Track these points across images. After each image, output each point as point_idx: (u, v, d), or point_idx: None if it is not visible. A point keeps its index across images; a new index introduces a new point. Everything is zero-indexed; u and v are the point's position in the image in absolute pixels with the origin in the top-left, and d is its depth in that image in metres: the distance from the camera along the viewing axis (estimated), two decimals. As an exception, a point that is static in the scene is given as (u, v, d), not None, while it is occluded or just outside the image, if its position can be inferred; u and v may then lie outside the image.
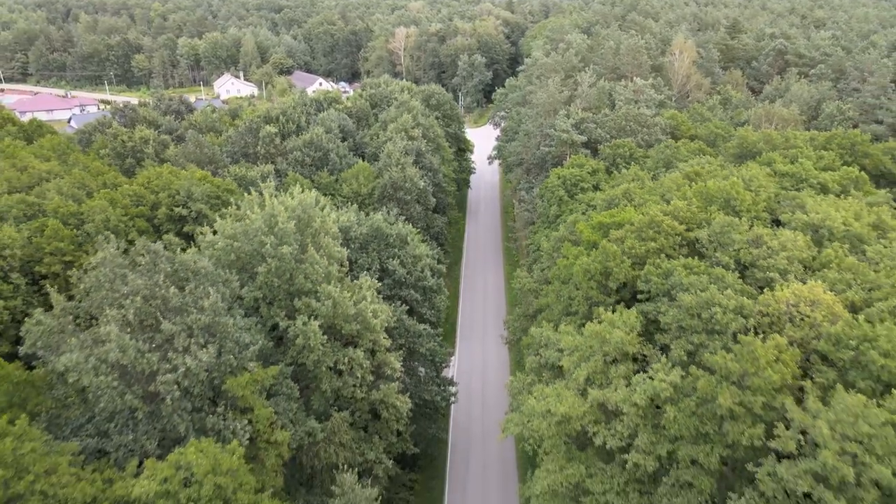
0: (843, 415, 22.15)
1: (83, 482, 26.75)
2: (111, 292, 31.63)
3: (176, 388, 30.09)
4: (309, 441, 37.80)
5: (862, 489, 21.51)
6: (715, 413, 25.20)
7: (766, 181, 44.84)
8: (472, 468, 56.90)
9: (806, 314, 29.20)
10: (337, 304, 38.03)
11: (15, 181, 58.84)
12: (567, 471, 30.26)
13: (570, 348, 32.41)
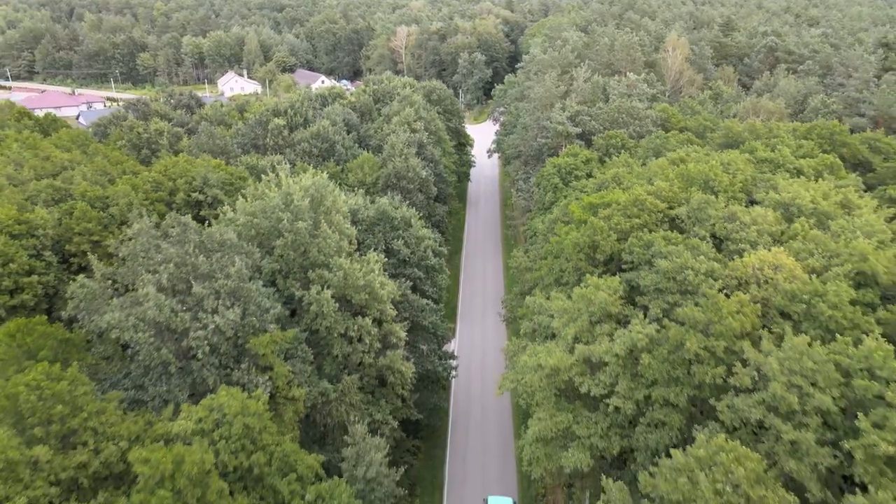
0: (790, 353, 25.62)
1: (128, 422, 30.32)
2: (147, 259, 35.20)
3: (206, 344, 33.65)
4: (322, 401, 41.34)
5: (806, 416, 24.99)
6: (684, 358, 28.70)
7: (743, 165, 48.39)
8: (471, 439, 60.33)
9: (769, 276, 32.74)
10: (347, 275, 41.57)
11: (40, 169, 62.37)
12: (556, 418, 33.77)
13: (560, 311, 35.96)
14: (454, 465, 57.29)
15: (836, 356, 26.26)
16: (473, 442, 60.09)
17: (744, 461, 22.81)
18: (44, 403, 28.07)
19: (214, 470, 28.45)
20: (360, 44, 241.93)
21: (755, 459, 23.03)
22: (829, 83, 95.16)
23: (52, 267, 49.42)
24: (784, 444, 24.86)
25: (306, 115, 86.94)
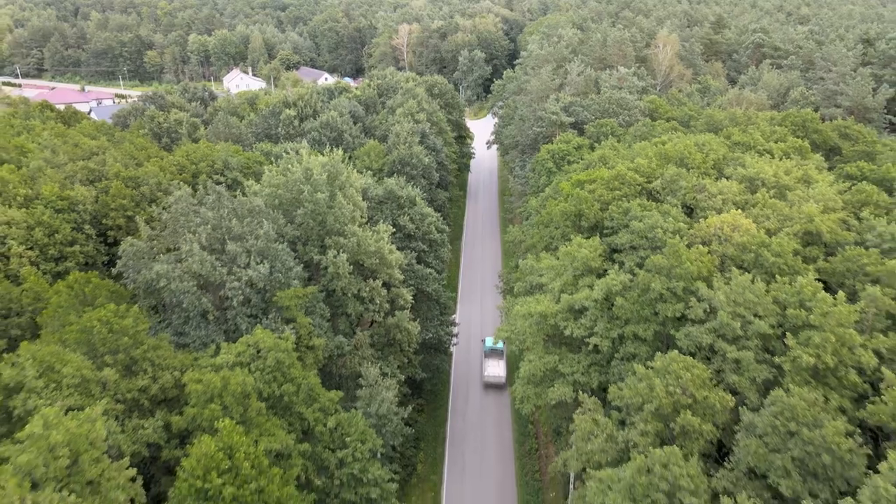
0: (736, 289, 30.75)
1: (179, 357, 35.57)
2: (187, 221, 40.39)
3: (240, 294, 38.84)
4: (337, 353, 46.53)
5: (747, 339, 30.15)
6: (651, 298, 33.84)
7: (716, 146, 53.62)
8: (471, 402, 65.54)
9: (728, 235, 37.96)
10: (360, 241, 46.80)
11: (72, 153, 67.54)
12: (544, 360, 38.98)
13: (548, 268, 41.20)
14: (455, 424, 62.46)
15: (775, 292, 31.43)
16: (473, 405, 65.26)
17: (691, 369, 27.94)
18: (112, 336, 33.31)
19: (253, 393, 33.65)
20: (362, 42, 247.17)
21: (701, 368, 28.17)
22: (811, 77, 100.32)
23: (91, 239, 54.63)
24: (729, 363, 30.02)
25: (315, 107, 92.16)
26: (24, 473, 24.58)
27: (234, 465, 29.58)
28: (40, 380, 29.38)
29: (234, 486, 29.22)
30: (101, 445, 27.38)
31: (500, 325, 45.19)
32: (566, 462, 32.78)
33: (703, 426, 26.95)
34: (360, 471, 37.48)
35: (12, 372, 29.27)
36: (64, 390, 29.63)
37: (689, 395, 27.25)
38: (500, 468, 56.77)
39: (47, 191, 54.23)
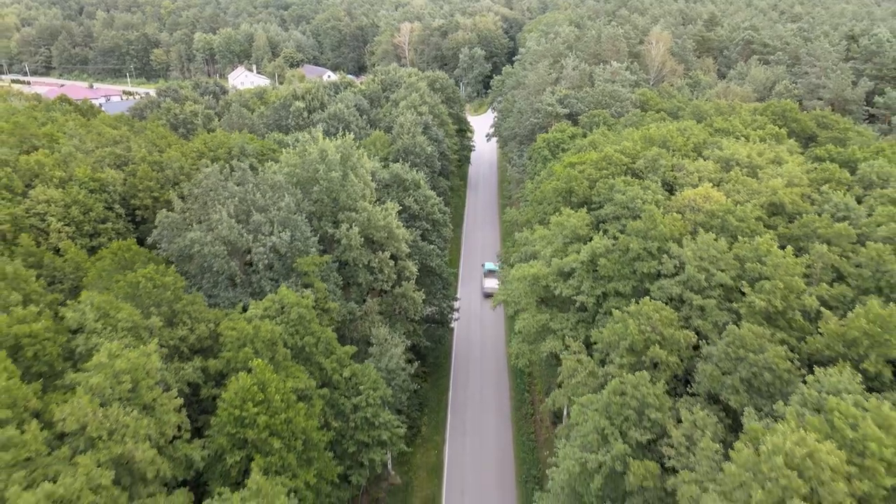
0: (701, 246, 35.34)
1: (212, 312, 40.21)
2: (216, 195, 45.00)
3: (265, 258, 43.46)
4: (349, 318, 51.15)
5: (711, 290, 34.76)
6: (630, 258, 38.45)
7: (697, 131, 58.23)
8: (471, 374, 70.13)
9: (700, 206, 42.57)
10: (370, 216, 51.43)
11: (98, 141, 72.19)
12: (536, 318, 43.62)
13: (541, 238, 45.84)
14: (456, 393, 67.06)
15: (736, 250, 36.05)
16: (473, 376, 69.86)
17: (660, 311, 32.49)
18: (155, 290, 37.96)
19: (280, 341, 38.27)
20: (364, 40, 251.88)
21: (668, 310, 32.72)
22: (797, 72, 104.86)
23: (121, 218, 59.25)
24: (695, 310, 34.58)
25: (322, 100, 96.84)
26: (95, 393, 29.21)
27: (266, 397, 34.23)
28: (98, 322, 34.02)
29: (266, 415, 33.88)
30: (155, 375, 32.04)
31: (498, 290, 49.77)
32: (555, 400, 37.41)
33: (669, 358, 31.55)
34: (373, 415, 42.10)
35: (75, 315, 33.91)
36: (119, 332, 34.26)
37: (657, 332, 31.84)
38: (498, 431, 61.32)
39: (80, 172, 58.79)
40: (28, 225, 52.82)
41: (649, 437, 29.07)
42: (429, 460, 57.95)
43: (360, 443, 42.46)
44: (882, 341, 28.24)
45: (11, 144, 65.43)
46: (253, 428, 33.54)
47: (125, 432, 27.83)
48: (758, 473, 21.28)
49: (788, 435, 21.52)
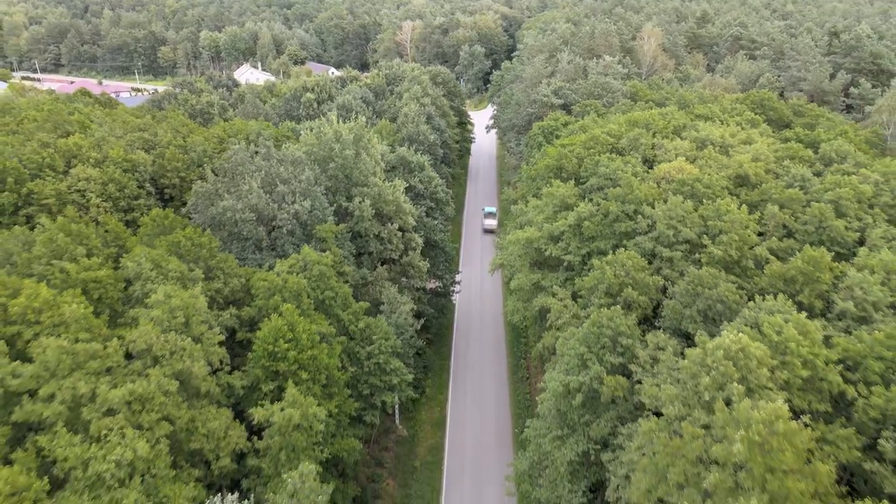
0: (671, 207, 40.90)
1: (242, 268, 45.79)
2: (244, 169, 50.58)
3: (289, 224, 49.02)
4: (362, 282, 56.70)
5: (678, 244, 40.33)
6: (610, 220, 44.05)
7: (678, 115, 63.79)
8: (472, 343, 75.68)
9: (674, 177, 48.16)
10: (380, 191, 57.01)
11: (125, 127, 77.76)
12: (530, 277, 49.21)
13: (534, 207, 51.44)
14: (457, 360, 72.63)
15: (701, 211, 41.63)
16: (473, 345, 75.42)
17: (632, 259, 38.04)
18: (194, 248, 43.54)
19: (304, 291, 43.83)
20: (366, 38, 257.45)
21: (638, 258, 38.25)
22: (781, 66, 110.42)
23: (152, 195, 64.86)
24: (664, 261, 40.15)
25: (330, 92, 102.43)
26: (156, 323, 34.78)
27: (294, 336, 39.80)
28: (153, 272, 39.59)
29: (295, 351, 39.44)
30: (202, 314, 37.62)
31: (495, 255, 55.37)
32: (545, 342, 42.99)
33: (640, 298, 37.09)
34: (384, 362, 47.67)
35: (133, 265, 39.50)
36: (169, 280, 39.81)
37: (630, 276, 37.38)
38: (496, 391, 66.91)
39: (114, 154, 64.34)
40: (70, 200, 58.40)
41: (621, 360, 34.63)
42: (433, 416, 63.54)
43: (373, 386, 48.01)
44: (814, 279, 33.80)
45: (48, 129, 71.07)
46: (284, 361, 39.10)
47: (183, 353, 33.43)
48: (704, 366, 26.81)
49: (727, 337, 27.08)
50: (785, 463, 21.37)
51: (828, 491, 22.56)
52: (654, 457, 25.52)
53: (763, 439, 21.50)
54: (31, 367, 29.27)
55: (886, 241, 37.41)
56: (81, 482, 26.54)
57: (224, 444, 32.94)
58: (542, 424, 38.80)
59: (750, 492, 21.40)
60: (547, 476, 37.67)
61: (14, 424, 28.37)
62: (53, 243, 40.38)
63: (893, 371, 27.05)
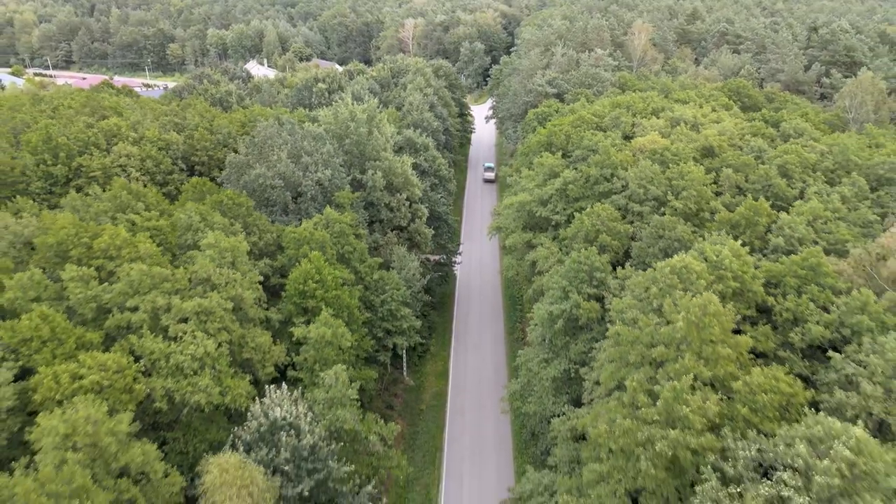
0: (642, 170, 48.08)
1: (275, 226, 53.01)
2: (272, 142, 57.78)
3: (312, 190, 56.22)
4: (373, 246, 63.91)
5: (647, 200, 47.51)
6: (590, 182, 51.25)
7: (657, 99, 71.00)
8: (472, 311, 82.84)
9: (648, 147, 55.39)
10: (391, 165, 64.22)
11: (155, 112, 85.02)
12: (523, 236, 56.48)
13: (526, 176, 58.70)
14: (459, 323, 79.82)
15: (667, 173, 48.90)
16: (473, 312, 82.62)
17: (607, 210, 45.28)
18: (234, 206, 50.76)
19: (328, 244, 51.02)
20: (369, 35, 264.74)
21: (612, 210, 45.50)
22: (762, 59, 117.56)
23: (184, 171, 72.12)
24: (635, 215, 47.45)
25: (340, 83, 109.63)
26: (210, 260, 41.99)
27: (321, 278, 47.04)
28: (202, 223, 46.82)
29: (322, 290, 46.67)
30: (245, 256, 44.84)
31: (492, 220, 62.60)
32: (534, 288, 50.22)
33: (612, 242, 44.32)
34: (395, 309, 54.92)
35: (185, 217, 46.74)
36: (215, 230, 46.99)
37: (605, 225, 44.61)
38: (493, 349, 74.07)
39: (150, 133, 71.63)
40: (114, 173, 65.62)
41: (596, 291, 41.86)
42: (437, 368, 70.80)
43: (385, 330, 55.27)
44: (754, 223, 41.03)
45: (86, 114, 78.38)
46: (312, 298, 46.35)
47: (235, 283, 40.67)
48: (654, 279, 34.00)
49: (674, 258, 34.29)
50: (714, 335, 28.48)
51: (745, 357, 29.70)
52: (618, 347, 32.61)
53: (698, 319, 28.57)
54: (118, 285, 36.53)
55: (819, 195, 44.57)
56: (165, 370, 33.81)
57: (269, 356, 40.19)
58: (531, 351, 46.07)
59: (688, 357, 28.49)
60: (535, 393, 44.91)
61: (107, 330, 35.65)
62: (118, 199, 47.67)
63: (805, 285, 34.16)
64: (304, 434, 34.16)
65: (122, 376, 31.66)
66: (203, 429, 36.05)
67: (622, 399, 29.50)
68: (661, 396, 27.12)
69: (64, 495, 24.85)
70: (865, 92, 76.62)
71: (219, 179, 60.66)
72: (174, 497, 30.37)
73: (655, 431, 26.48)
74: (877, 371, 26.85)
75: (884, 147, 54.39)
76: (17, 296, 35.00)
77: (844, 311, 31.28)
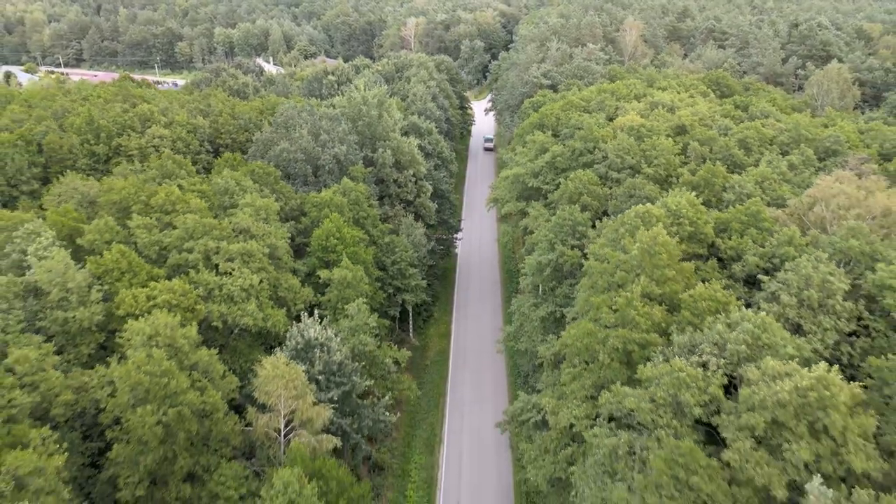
0: (619, 142, 55.34)
1: (298, 194, 60.28)
2: (293, 121, 65.04)
3: (330, 163, 63.48)
4: (383, 217, 71.11)
5: (624, 169, 54.80)
6: (575, 155, 58.51)
7: (639, 86, 78.30)
8: (471, 283, 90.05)
9: (628, 126, 62.69)
10: (398, 144, 71.50)
11: (180, 101, 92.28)
12: (517, 204, 63.79)
13: (521, 152, 66.03)
14: (460, 293, 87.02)
15: (642, 146, 56.14)
16: (473, 285, 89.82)
17: (588, 175, 52.56)
18: (264, 175, 58.01)
19: (345, 208, 58.25)
20: (372, 34, 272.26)
21: (592, 175, 52.85)
22: (745, 53, 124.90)
23: (210, 153, 79.43)
24: (613, 182, 54.68)
25: (348, 76, 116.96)
26: (249, 216, 49.21)
27: (341, 236, 54.30)
28: (237, 187, 54.09)
29: (342, 245, 53.93)
30: (275, 215, 52.08)
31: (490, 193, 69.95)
32: (526, 247, 57.42)
33: (592, 202, 51.60)
34: (404, 268, 62.15)
35: (222, 181, 54.01)
36: (249, 192, 54.25)
37: (586, 187, 51.91)
38: (492, 315, 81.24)
39: (179, 118, 78.92)
40: (149, 153, 72.90)
41: (578, 242, 49.13)
42: (440, 330, 78.07)
43: (396, 287, 62.51)
44: (712, 183, 48.34)
45: (120, 100, 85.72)
46: (333, 253, 53.61)
47: (272, 234, 47.93)
48: (622, 223, 41.25)
49: (639, 207, 41.59)
50: (662, 260, 35.67)
51: (691, 280, 36.95)
52: (590, 279, 39.81)
53: (649, 247, 35.76)
54: (176, 231, 43.84)
55: (769, 163, 51.83)
56: (218, 298, 41.08)
57: (299, 296, 47.44)
58: (523, 297, 53.36)
59: (642, 278, 35.68)
60: (526, 333, 52.18)
61: (169, 267, 42.94)
62: (164, 167, 54.98)
63: (746, 228, 41.41)
64: (333, 352, 41.39)
65: (187, 298, 38.96)
66: (248, 351, 43.33)
67: (589, 314, 36.72)
68: (616, 306, 34.32)
69: (156, 374, 32.13)
70: (832, 81, 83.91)
71: (246, 155, 67.86)
72: (231, 392, 37.62)
73: (611, 332, 33.66)
74: (792, 285, 33.99)
75: (834, 125, 61.69)
76: (94, 238, 42.28)
77: (775, 244, 38.45)
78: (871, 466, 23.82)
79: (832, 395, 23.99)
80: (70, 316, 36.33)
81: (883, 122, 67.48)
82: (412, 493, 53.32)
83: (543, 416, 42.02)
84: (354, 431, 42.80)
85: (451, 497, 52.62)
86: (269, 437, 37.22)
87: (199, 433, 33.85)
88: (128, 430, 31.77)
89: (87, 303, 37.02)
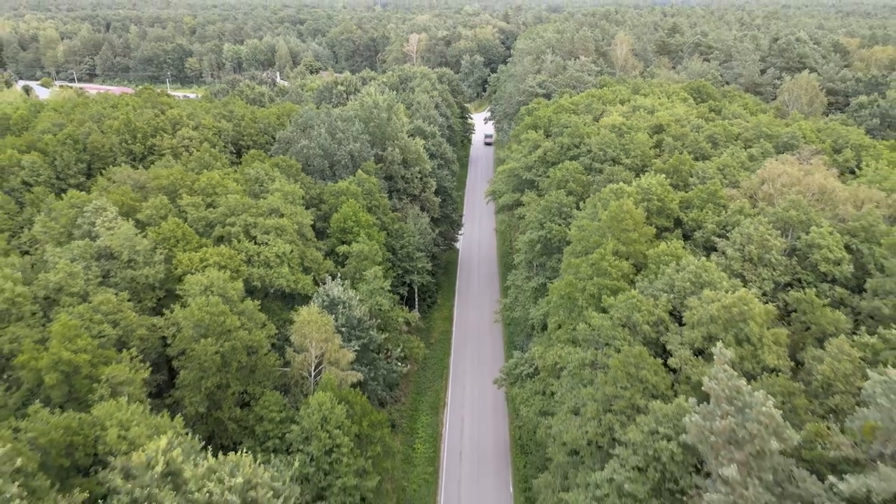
0: (602, 137, 62.96)
1: (317, 185, 67.81)
2: (311, 122, 72.80)
3: (345, 158, 71.07)
4: (392, 209, 78.60)
5: (606, 161, 62.36)
6: (564, 149, 66.13)
7: (624, 92, 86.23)
8: (472, 275, 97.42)
9: (612, 124, 70.42)
10: (406, 143, 79.23)
11: (203, 108, 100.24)
12: (513, 196, 71.38)
13: (516, 149, 73.74)
14: (461, 282, 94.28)
15: (623, 141, 63.74)
16: (473, 277, 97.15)
17: (574, 166, 60.13)
18: (288, 167, 65.58)
19: (360, 196, 65.72)
20: (375, 50, 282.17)
21: (577, 165, 60.39)
22: (728, 65, 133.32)
23: (233, 153, 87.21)
24: (596, 171, 62.22)
25: (356, 86, 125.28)
26: (279, 198, 56.66)
27: (357, 218, 61.72)
28: (266, 176, 61.64)
29: (358, 227, 61.35)
30: (301, 200, 59.54)
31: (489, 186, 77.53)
32: (520, 231, 64.77)
33: (576, 188, 59.10)
34: (412, 252, 69.50)
35: (252, 171, 61.57)
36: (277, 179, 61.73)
37: (572, 176, 59.48)
38: (491, 302, 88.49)
39: (206, 121, 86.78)
40: (179, 152, 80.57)
41: (563, 221, 56.54)
42: (443, 314, 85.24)
43: (404, 269, 69.83)
44: (683, 170, 55.89)
45: (149, 106, 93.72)
46: (350, 234, 61.00)
47: (299, 215, 55.37)
48: (599, 198, 48.69)
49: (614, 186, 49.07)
50: (628, 224, 43.07)
51: (652, 241, 44.36)
52: (571, 246, 47.17)
53: (616, 213, 43.19)
54: (219, 209, 51.31)
55: (732, 154, 59.52)
56: (257, 262, 48.44)
57: (322, 266, 54.77)
58: (517, 272, 60.68)
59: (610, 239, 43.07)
60: (520, 303, 59.43)
61: (215, 237, 50.35)
62: (201, 159, 62.60)
63: (706, 204, 48.88)
64: (354, 309, 48.64)
65: (233, 260, 46.33)
66: (279, 311, 50.58)
67: (570, 272, 44.06)
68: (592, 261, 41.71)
69: (214, 314, 39.40)
70: (801, 89, 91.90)
71: (269, 152, 75.56)
72: (270, 339, 44.81)
73: (587, 282, 40.98)
74: (736, 242, 41.33)
75: (795, 124, 69.45)
76: (151, 213, 49.76)
77: (729, 214, 45.91)
78: (780, 364, 30.88)
79: (750, 309, 31.16)
80: (138, 273, 43.66)
81: (841, 124, 75.29)
82: (419, 445, 60.21)
83: (535, 368, 49.17)
84: (371, 380, 49.90)
85: (455, 449, 59.51)
86: (302, 376, 44.38)
87: (247, 366, 41.04)
88: (191, 359, 38.96)
89: (152, 263, 44.39)
